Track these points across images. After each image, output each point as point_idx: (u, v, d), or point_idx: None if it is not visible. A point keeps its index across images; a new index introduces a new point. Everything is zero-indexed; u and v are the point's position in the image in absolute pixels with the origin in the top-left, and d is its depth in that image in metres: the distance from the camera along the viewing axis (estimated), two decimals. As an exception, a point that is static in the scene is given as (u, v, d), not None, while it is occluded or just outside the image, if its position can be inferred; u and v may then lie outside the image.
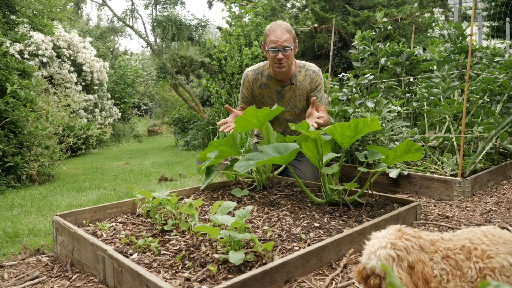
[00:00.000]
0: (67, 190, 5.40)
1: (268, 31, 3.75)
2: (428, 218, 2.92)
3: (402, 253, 1.41)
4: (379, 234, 1.50)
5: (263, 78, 4.01)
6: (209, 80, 10.21)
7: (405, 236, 1.45)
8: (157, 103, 31.13)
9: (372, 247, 1.47)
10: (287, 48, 3.68)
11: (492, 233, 1.53)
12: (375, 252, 1.44)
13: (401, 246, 1.42)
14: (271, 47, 3.70)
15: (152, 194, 2.62)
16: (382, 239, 1.47)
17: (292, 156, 2.79)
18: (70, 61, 13.02)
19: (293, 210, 2.79)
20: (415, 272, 1.40)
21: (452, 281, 1.44)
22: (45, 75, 12.02)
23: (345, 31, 13.31)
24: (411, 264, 1.40)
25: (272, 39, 3.69)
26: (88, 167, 8.67)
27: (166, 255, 2.04)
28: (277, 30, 3.69)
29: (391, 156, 2.65)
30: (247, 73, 4.07)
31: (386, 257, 1.41)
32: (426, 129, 4.39)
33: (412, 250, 1.42)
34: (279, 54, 3.68)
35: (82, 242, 2.19)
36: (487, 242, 1.49)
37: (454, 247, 1.48)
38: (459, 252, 1.47)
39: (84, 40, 14.38)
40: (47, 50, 12.03)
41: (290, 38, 3.71)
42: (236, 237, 1.89)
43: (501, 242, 1.49)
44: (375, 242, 1.48)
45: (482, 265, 1.44)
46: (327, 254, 2.06)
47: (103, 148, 14.27)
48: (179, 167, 7.25)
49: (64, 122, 8.51)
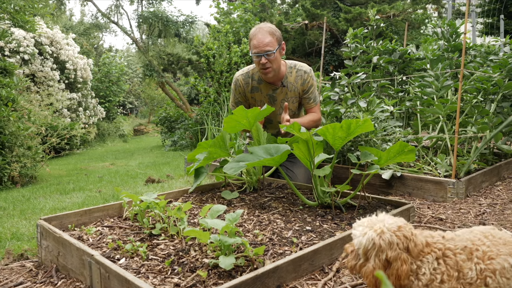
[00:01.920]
0: (50, 192, 5.38)
1: (252, 36, 3.75)
2: (421, 221, 2.95)
3: (384, 245, 1.48)
4: (380, 217, 1.57)
5: (253, 82, 3.99)
6: (197, 79, 10.21)
7: (398, 232, 1.50)
8: (143, 101, 31.05)
9: (365, 224, 1.56)
10: (269, 52, 3.66)
11: (492, 234, 1.55)
12: (364, 230, 1.53)
13: (387, 238, 1.49)
14: (254, 52, 3.70)
15: (140, 197, 2.62)
16: (379, 222, 1.54)
17: (283, 157, 2.81)
18: (52, 58, 12.94)
19: (284, 213, 2.80)
20: (391, 267, 1.48)
21: (447, 282, 1.47)
22: (26, 73, 11.93)
23: (336, 28, 13.35)
24: (389, 259, 1.48)
25: (255, 43, 3.69)
26: (72, 168, 8.64)
27: (155, 260, 2.05)
28: (259, 34, 3.69)
29: (384, 157, 2.67)
30: (237, 78, 4.04)
31: (370, 240, 1.50)
32: (419, 129, 4.42)
33: (395, 247, 1.48)
34: (262, 59, 3.68)
35: (67, 247, 2.19)
36: (488, 243, 1.51)
37: (455, 247, 1.51)
38: (460, 252, 1.50)
39: (67, 36, 14.30)
40: (29, 47, 11.94)
41: (273, 41, 3.70)
42: (227, 241, 1.90)
43: (501, 243, 1.51)
44: (372, 220, 1.57)
45: (483, 266, 1.46)
46: (319, 258, 2.08)
47: (87, 149, 14.21)
48: (167, 168, 7.24)
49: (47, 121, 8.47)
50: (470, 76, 4.49)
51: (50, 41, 13.11)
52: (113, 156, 11.03)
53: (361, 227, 1.56)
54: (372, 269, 1.51)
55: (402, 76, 5.23)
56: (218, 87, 9.03)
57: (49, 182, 6.48)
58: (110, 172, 7.41)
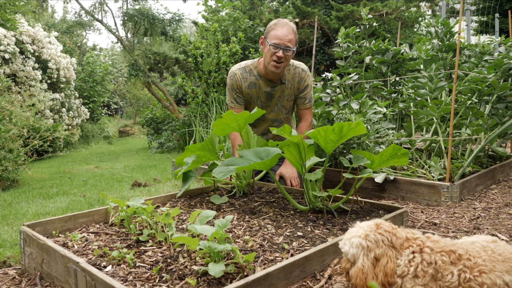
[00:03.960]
0: (33, 196, 5.37)
1: (274, 26, 3.73)
2: (415, 225, 2.98)
3: (371, 245, 1.63)
4: (360, 224, 1.73)
5: (252, 77, 3.97)
6: (185, 79, 10.20)
7: (379, 230, 1.66)
8: (129, 102, 30.95)
9: (350, 234, 1.71)
10: (289, 49, 3.68)
11: (492, 249, 1.61)
12: (350, 239, 1.69)
13: (373, 238, 1.63)
14: (274, 43, 3.66)
15: (127, 202, 2.62)
16: (360, 229, 1.70)
17: (273, 161, 2.82)
18: (34, 58, 12.88)
19: (275, 218, 2.82)
20: (379, 264, 1.60)
21: (421, 278, 1.56)
22: (7, 73, 11.85)
23: (328, 27, 13.40)
24: (377, 256, 1.61)
25: (278, 34, 3.67)
26: (55, 171, 8.61)
27: (142, 267, 2.06)
28: (284, 28, 3.69)
29: (376, 161, 2.69)
30: (234, 72, 4.00)
31: (357, 245, 1.65)
32: (413, 131, 4.45)
33: (381, 244, 1.62)
34: (280, 52, 3.66)
35: (52, 254, 2.19)
36: (484, 257, 1.57)
37: (438, 248, 1.61)
38: (442, 254, 1.59)
39: (50, 34, 14.24)
40: (10, 45, 11.87)
41: (294, 40, 3.73)
42: (216, 248, 1.91)
43: (499, 259, 1.57)
44: (354, 230, 1.72)
45: (468, 275, 1.52)
46: (311, 265, 2.09)
47: (71, 151, 14.16)
48: (153, 171, 7.24)
49: (29, 123, 8.43)
50: (465, 77, 4.52)
51: (31, 39, 13.04)
52: (97, 159, 11.00)
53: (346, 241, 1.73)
54: (361, 267, 1.62)
55: (395, 76, 5.26)
56: (206, 87, 9.03)
57: (31, 186, 6.46)
58: (94, 175, 7.40)
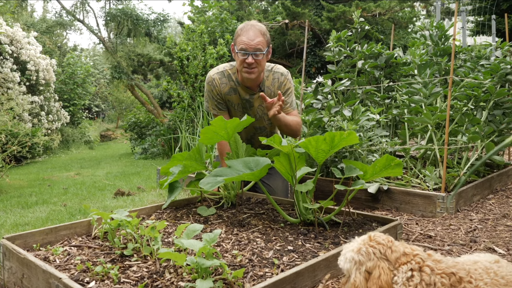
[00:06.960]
0: (11, 206, 5.35)
1: (240, 31, 3.65)
2: (409, 238, 3.00)
3: (362, 258, 1.63)
4: (357, 238, 1.73)
5: (231, 83, 3.88)
6: (170, 82, 10.20)
7: (371, 242, 1.65)
8: (111, 105, 30.85)
9: (346, 249, 1.72)
10: (258, 52, 3.58)
11: (495, 272, 1.61)
12: (345, 254, 1.70)
13: (363, 251, 1.64)
14: (241, 49, 3.58)
15: (110, 214, 2.62)
16: (354, 243, 1.70)
17: (263, 172, 2.83)
18: (12, 59, 12.82)
19: (264, 231, 2.83)
20: (371, 277, 1.59)
21: None
22: (-16, 75, 11.83)
23: (319, 28, 13.46)
24: (368, 269, 1.61)
25: (244, 40, 3.58)
26: (34, 178, 8.58)
27: (127, 284, 2.06)
28: (250, 31, 3.60)
29: (369, 171, 2.72)
30: (212, 76, 3.90)
31: (350, 260, 1.66)
32: (407, 139, 4.47)
33: (373, 256, 1.62)
34: (249, 58, 3.57)
35: (33, 268, 2.19)
36: (486, 280, 1.57)
37: (439, 269, 1.58)
38: (443, 276, 1.56)
39: (29, 35, 14.19)
40: (-14, 46, 11.85)
41: (263, 41, 3.63)
42: (204, 264, 1.92)
43: (502, 283, 1.58)
44: (349, 244, 1.73)
45: None
46: (301, 281, 2.11)
47: (50, 156, 14.08)
48: (137, 179, 7.23)
49: (7, 128, 8.38)
50: (460, 83, 4.53)
51: (10, 40, 12.98)
52: (78, 165, 10.96)
53: (342, 256, 1.72)
54: (354, 282, 1.62)
55: (389, 82, 5.29)
56: (192, 91, 9.04)
57: (9, 194, 6.44)
58: (75, 183, 7.38)
